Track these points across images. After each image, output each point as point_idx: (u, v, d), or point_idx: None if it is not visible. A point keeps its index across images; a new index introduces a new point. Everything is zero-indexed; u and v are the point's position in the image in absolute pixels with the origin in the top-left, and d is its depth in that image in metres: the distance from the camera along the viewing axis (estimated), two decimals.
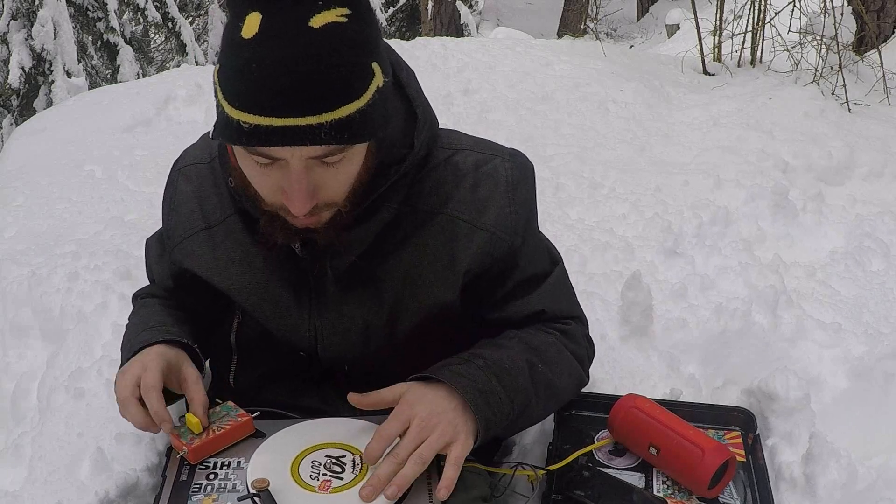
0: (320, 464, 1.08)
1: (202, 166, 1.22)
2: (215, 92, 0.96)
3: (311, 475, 1.06)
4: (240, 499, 1.03)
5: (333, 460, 1.09)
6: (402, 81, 1.12)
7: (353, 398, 1.11)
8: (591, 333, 1.70)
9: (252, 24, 0.90)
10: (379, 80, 0.96)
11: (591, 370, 1.56)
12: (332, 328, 1.17)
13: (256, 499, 1.01)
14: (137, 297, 1.37)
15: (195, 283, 1.23)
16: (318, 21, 0.90)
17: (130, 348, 1.18)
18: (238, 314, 1.24)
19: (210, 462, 1.11)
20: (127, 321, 1.32)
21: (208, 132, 1.19)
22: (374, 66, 0.95)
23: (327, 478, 1.06)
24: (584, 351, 1.28)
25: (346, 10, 0.92)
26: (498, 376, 1.11)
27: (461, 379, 1.08)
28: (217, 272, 1.19)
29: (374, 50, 0.96)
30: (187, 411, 1.14)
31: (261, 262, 1.16)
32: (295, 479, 1.06)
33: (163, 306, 1.29)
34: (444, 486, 1.02)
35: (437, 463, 1.10)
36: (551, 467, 1.28)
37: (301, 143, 0.92)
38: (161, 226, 1.31)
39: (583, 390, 1.50)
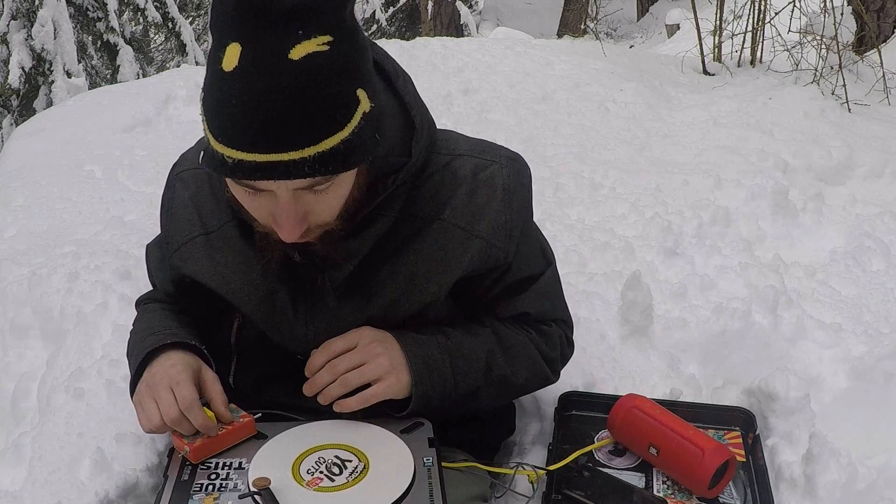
0: (320, 463, 1.08)
1: (200, 171, 1.22)
2: (202, 121, 0.96)
3: (308, 471, 1.07)
4: (241, 497, 1.03)
5: (334, 461, 1.09)
6: (399, 90, 1.11)
7: (310, 370, 1.16)
8: (591, 333, 1.71)
9: (232, 56, 0.89)
10: (365, 106, 0.95)
11: (591, 370, 1.58)
12: (328, 333, 1.18)
13: (257, 497, 1.01)
14: (140, 304, 1.37)
15: (195, 287, 1.23)
16: (297, 52, 0.88)
17: (138, 353, 1.18)
18: (238, 317, 1.24)
19: (211, 462, 1.11)
20: (131, 327, 1.32)
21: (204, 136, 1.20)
22: (360, 92, 0.94)
23: (319, 476, 1.06)
24: (556, 353, 1.30)
25: (327, 38, 0.90)
26: (452, 359, 1.16)
27: (415, 347, 1.14)
28: (215, 277, 1.19)
29: (359, 76, 0.94)
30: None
31: (259, 268, 1.17)
32: (296, 478, 1.06)
33: (165, 310, 1.29)
34: (339, 404, 1.12)
35: (440, 465, 1.10)
36: (551, 467, 1.28)
37: (285, 177, 0.92)
38: (160, 231, 1.32)
39: (583, 390, 1.52)
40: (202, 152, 0.98)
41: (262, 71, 0.88)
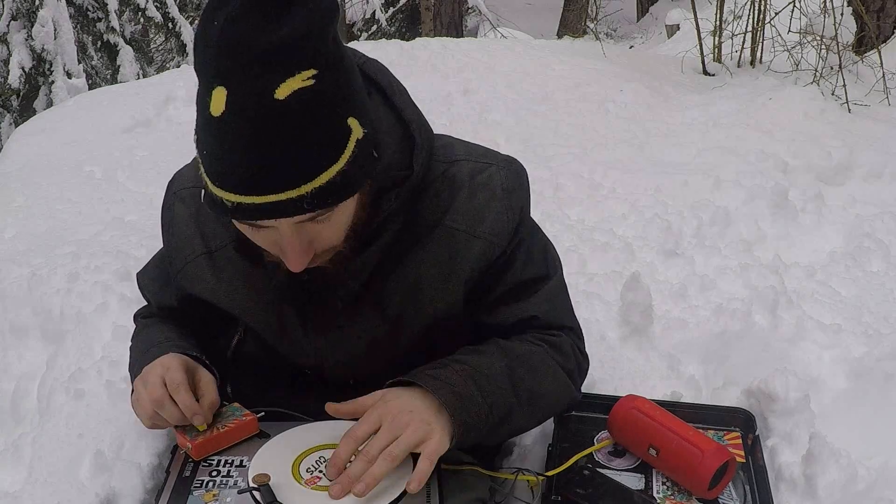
0: (320, 463, 1.08)
1: (199, 189, 1.20)
2: (199, 163, 0.96)
3: (308, 470, 1.07)
4: (240, 492, 1.04)
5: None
6: (397, 105, 1.10)
7: (331, 407, 1.10)
8: (591, 334, 1.70)
9: (218, 101, 0.88)
10: (358, 133, 0.94)
11: (590, 371, 1.56)
12: (338, 347, 1.18)
13: (256, 493, 1.01)
14: (138, 317, 1.38)
15: (199, 304, 1.23)
16: (283, 91, 0.87)
17: (140, 366, 1.18)
18: (239, 332, 1.24)
19: (213, 459, 1.12)
20: (130, 342, 1.32)
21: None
22: (351, 121, 0.93)
23: (319, 475, 1.06)
24: (573, 364, 1.24)
25: (312, 72, 0.89)
26: (476, 381, 1.10)
27: (436, 382, 1.07)
28: (222, 296, 1.19)
29: (348, 104, 0.93)
30: None
31: (265, 285, 1.17)
32: (296, 477, 1.06)
33: (164, 323, 1.29)
34: (415, 479, 1.00)
35: (439, 466, 1.10)
36: (550, 473, 1.28)
37: (284, 216, 0.92)
38: (149, 256, 1.34)
39: (582, 391, 1.51)
40: (203, 191, 0.98)
41: (250, 114, 0.87)
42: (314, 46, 0.89)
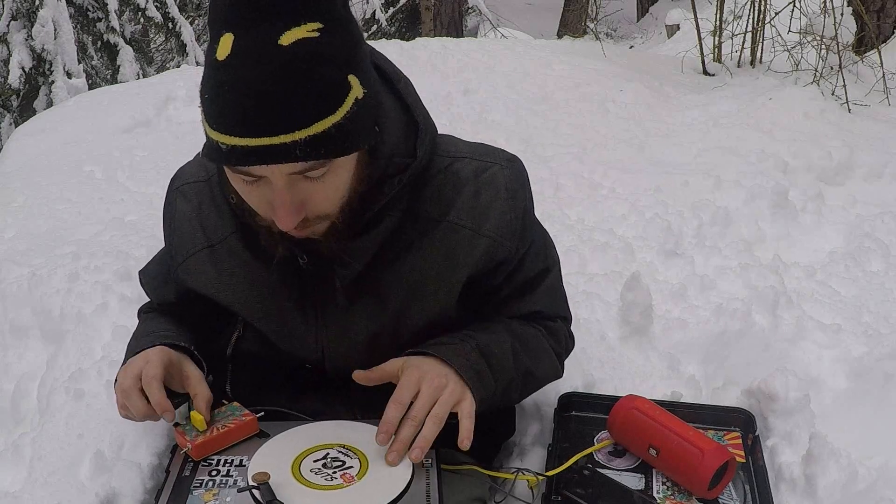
0: (320, 462, 1.09)
1: (200, 184, 1.23)
2: (200, 112, 0.98)
3: (311, 470, 1.07)
4: (239, 490, 1.05)
5: (333, 460, 1.09)
6: (401, 91, 1.12)
7: (358, 375, 1.14)
8: (591, 334, 1.71)
9: (225, 46, 0.91)
10: (357, 91, 0.95)
11: (590, 371, 1.59)
12: (339, 340, 1.18)
13: (255, 491, 1.02)
14: (141, 312, 1.39)
15: (199, 300, 1.24)
16: (287, 38, 0.90)
17: (130, 356, 1.19)
18: (239, 329, 1.25)
19: (213, 459, 1.12)
20: (132, 336, 1.33)
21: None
22: (351, 78, 0.95)
23: (318, 474, 1.07)
24: (562, 347, 1.34)
25: (317, 25, 0.92)
26: (487, 358, 1.16)
27: (458, 358, 1.13)
28: (221, 289, 1.20)
29: (350, 62, 0.95)
30: (191, 409, 1.15)
31: (265, 278, 1.17)
32: (295, 476, 1.06)
33: (163, 317, 1.30)
34: (465, 437, 1.07)
35: (439, 467, 1.10)
36: (550, 473, 1.28)
37: (276, 161, 0.92)
38: (149, 256, 1.36)
39: (582, 391, 1.52)
40: (203, 147, 0.99)
41: (253, 57, 0.90)
42: (323, 2, 0.93)
